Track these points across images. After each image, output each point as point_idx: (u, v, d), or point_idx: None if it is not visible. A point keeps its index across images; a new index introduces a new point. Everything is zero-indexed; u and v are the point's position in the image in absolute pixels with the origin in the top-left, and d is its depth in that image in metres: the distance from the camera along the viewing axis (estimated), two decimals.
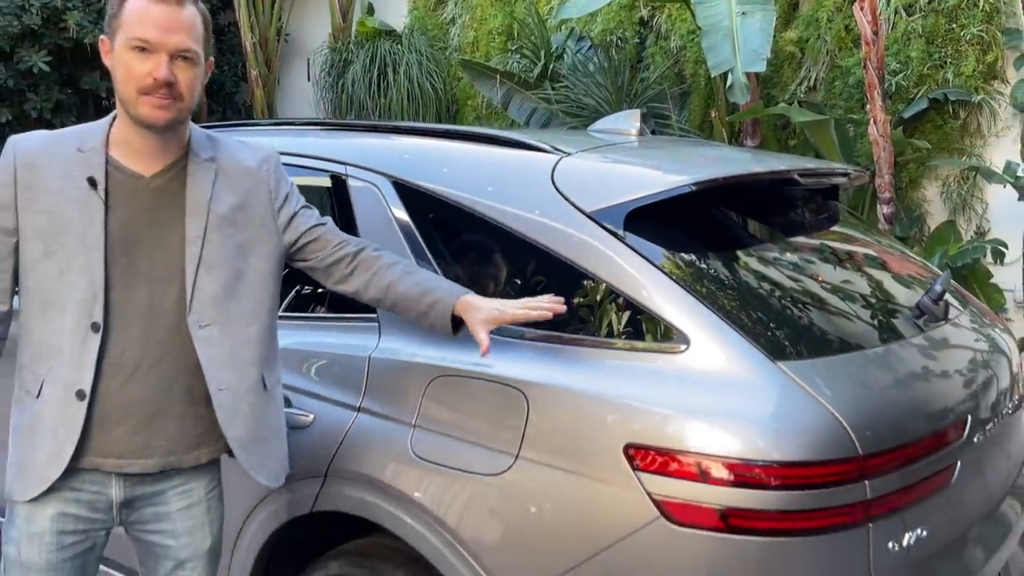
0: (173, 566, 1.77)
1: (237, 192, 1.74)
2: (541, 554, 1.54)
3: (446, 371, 1.72)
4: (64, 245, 1.61)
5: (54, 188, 1.62)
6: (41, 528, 1.65)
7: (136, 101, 1.62)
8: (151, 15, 1.59)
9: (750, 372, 1.50)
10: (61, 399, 1.63)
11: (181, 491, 1.75)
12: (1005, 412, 1.90)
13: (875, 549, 1.47)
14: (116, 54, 1.64)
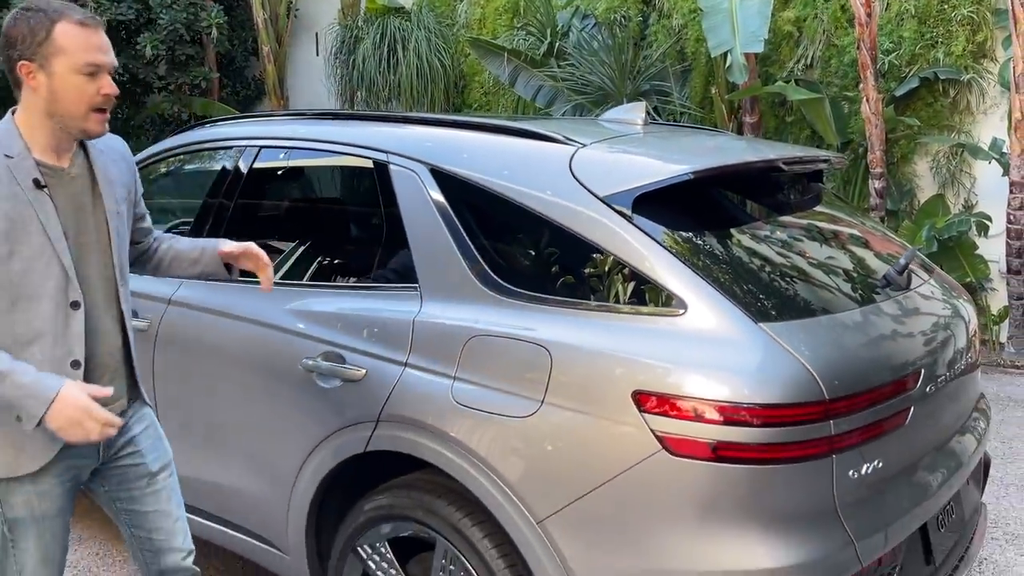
0: (147, 481, 2.01)
1: (120, 170, 2.03)
2: (562, 480, 1.84)
3: (481, 332, 2.01)
4: (29, 243, 1.77)
5: (4, 195, 1.76)
6: (49, 484, 1.87)
7: (86, 117, 1.81)
8: (93, 42, 1.78)
9: (737, 332, 1.80)
10: (55, 372, 1.79)
11: (137, 418, 2.02)
12: (958, 367, 2.20)
13: (837, 476, 1.79)
14: (59, 78, 1.76)
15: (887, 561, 1.90)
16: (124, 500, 2.05)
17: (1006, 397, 5.17)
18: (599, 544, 1.81)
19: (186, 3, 8.57)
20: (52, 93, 1.77)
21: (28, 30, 1.76)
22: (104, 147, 1.99)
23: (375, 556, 2.20)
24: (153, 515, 2.05)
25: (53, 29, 1.76)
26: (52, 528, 1.91)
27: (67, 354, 1.84)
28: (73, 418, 1.71)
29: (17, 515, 1.87)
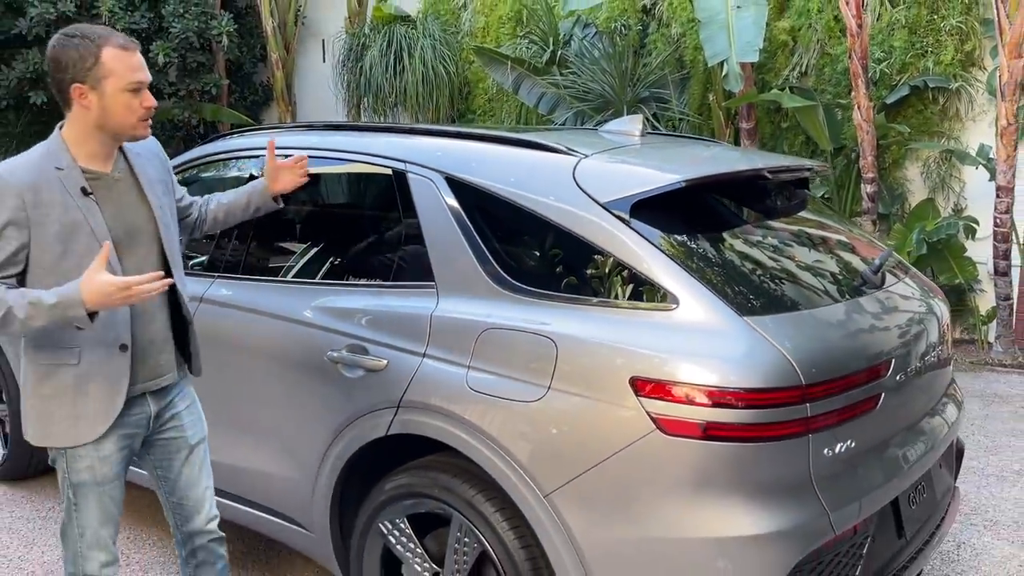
0: (187, 453, 2.28)
1: (156, 168, 2.29)
2: (567, 458, 2.03)
3: (493, 325, 2.21)
4: (79, 242, 2.02)
5: (57, 202, 2.00)
6: (109, 451, 2.12)
7: (135, 126, 2.07)
8: (135, 62, 2.04)
9: (724, 324, 1.99)
10: (106, 356, 2.06)
11: (181, 396, 2.29)
12: (928, 358, 2.40)
13: (813, 453, 1.98)
14: (109, 96, 2.00)
15: (859, 530, 2.11)
16: (164, 468, 2.32)
17: (992, 394, 5.37)
18: (600, 515, 2.01)
19: (198, 12, 8.78)
20: (103, 110, 2.03)
21: (78, 56, 2.00)
22: (140, 149, 2.24)
23: (395, 531, 2.40)
24: (186, 483, 2.32)
25: (100, 54, 2.01)
26: (110, 491, 2.16)
27: (116, 339, 2.10)
28: (104, 292, 1.93)
29: (81, 479, 2.13)
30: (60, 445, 2.11)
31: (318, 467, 2.56)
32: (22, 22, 8.21)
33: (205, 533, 2.36)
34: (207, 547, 2.38)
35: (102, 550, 2.18)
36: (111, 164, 2.13)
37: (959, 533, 3.48)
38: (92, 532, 2.16)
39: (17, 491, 3.99)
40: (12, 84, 8.63)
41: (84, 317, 1.96)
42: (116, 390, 2.10)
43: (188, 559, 2.40)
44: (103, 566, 2.19)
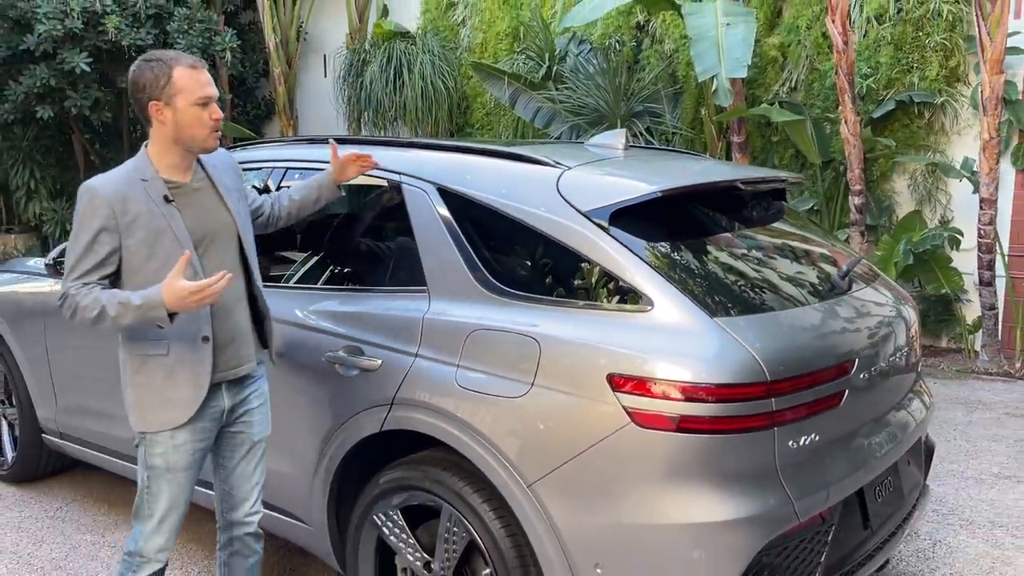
0: (248, 449, 2.47)
1: (232, 178, 2.50)
2: (549, 450, 2.16)
3: (481, 327, 2.34)
4: (163, 246, 2.25)
5: (143, 210, 2.23)
6: (183, 440, 2.32)
7: (206, 138, 2.28)
8: (203, 79, 2.26)
9: (695, 325, 2.13)
10: (191, 347, 2.28)
11: (256, 394, 2.48)
12: (893, 359, 2.53)
13: (778, 445, 2.10)
14: (180, 111, 2.23)
15: (825, 519, 2.24)
16: (224, 457, 2.51)
17: (976, 401, 5.50)
18: (579, 503, 2.15)
19: (202, 28, 8.96)
20: (177, 124, 2.25)
21: (153, 76, 2.25)
22: (216, 161, 2.46)
23: (388, 523, 2.54)
24: (240, 476, 2.51)
25: (172, 74, 2.24)
26: (180, 480, 2.35)
27: (198, 331, 2.31)
28: (180, 296, 2.14)
29: (155, 464, 2.33)
30: (154, 429, 2.31)
31: (316, 463, 2.70)
32: (30, 38, 8.38)
33: (244, 525, 2.53)
34: (243, 539, 2.54)
35: (162, 536, 2.37)
36: (190, 175, 2.36)
37: (935, 532, 3.61)
38: (159, 517, 2.35)
39: (26, 492, 4.13)
40: (19, 99, 8.80)
41: (165, 317, 2.18)
42: (201, 379, 2.31)
43: (225, 546, 2.57)
44: (159, 550, 2.37)
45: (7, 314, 3.97)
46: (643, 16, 7.84)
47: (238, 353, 2.40)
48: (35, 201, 10.06)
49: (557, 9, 8.26)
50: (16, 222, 10.96)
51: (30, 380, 3.91)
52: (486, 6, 8.88)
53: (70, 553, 3.49)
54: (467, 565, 2.41)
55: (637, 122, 7.26)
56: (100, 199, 2.23)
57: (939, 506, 3.87)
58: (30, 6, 8.27)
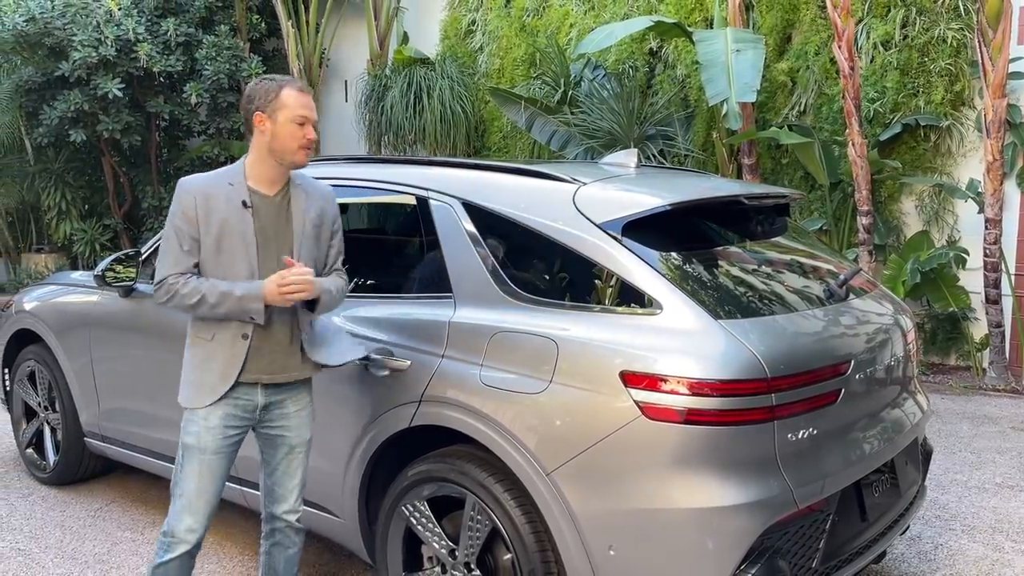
0: (287, 451, 2.63)
1: (316, 206, 2.66)
2: (565, 441, 2.34)
3: (503, 329, 2.53)
4: (232, 244, 2.47)
5: (222, 209, 2.47)
6: (215, 424, 2.50)
7: (295, 152, 2.50)
8: (305, 102, 2.51)
9: (701, 327, 2.31)
10: (231, 340, 2.49)
11: (295, 399, 2.62)
12: (888, 362, 2.70)
13: (778, 437, 2.27)
14: (278, 124, 2.47)
15: (823, 508, 2.41)
16: (267, 455, 2.70)
17: (982, 415, 5.63)
18: (594, 489, 2.33)
19: (229, 55, 9.30)
20: (274, 135, 2.50)
21: (264, 91, 2.51)
22: (311, 189, 2.66)
23: (416, 513, 2.72)
24: (282, 475, 2.69)
25: (280, 92, 2.50)
26: (210, 463, 2.53)
27: (240, 328, 2.52)
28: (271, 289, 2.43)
29: (188, 442, 2.54)
30: (187, 405, 2.54)
31: (348, 458, 2.89)
32: (65, 65, 8.73)
33: (284, 520, 2.70)
34: (284, 531, 2.72)
35: (191, 516, 2.53)
36: (276, 190, 2.58)
37: (937, 536, 3.75)
38: (187, 496, 2.52)
39: (68, 494, 4.34)
40: (53, 123, 9.15)
41: (261, 310, 2.45)
42: (230, 371, 2.51)
43: (268, 536, 2.76)
44: (187, 530, 2.53)
45: (54, 325, 4.20)
46: (656, 42, 8.07)
47: (276, 361, 2.56)
48: (66, 221, 10.39)
49: (572, 36, 8.52)
50: (47, 242, 11.29)
51: (74, 387, 4.13)
52: (503, 33, 9.17)
53: (112, 549, 3.69)
54: (489, 552, 2.59)
55: (650, 145, 7.47)
56: (186, 192, 2.50)
57: (942, 512, 4.00)
58: (66, 34, 8.63)
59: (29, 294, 4.56)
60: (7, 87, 9.53)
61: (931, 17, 6.63)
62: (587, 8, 8.58)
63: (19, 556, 3.63)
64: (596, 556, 2.33)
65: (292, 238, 2.58)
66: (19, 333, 4.51)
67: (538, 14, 8.95)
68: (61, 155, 10.36)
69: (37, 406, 4.49)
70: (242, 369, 2.51)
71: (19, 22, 8.52)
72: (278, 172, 2.57)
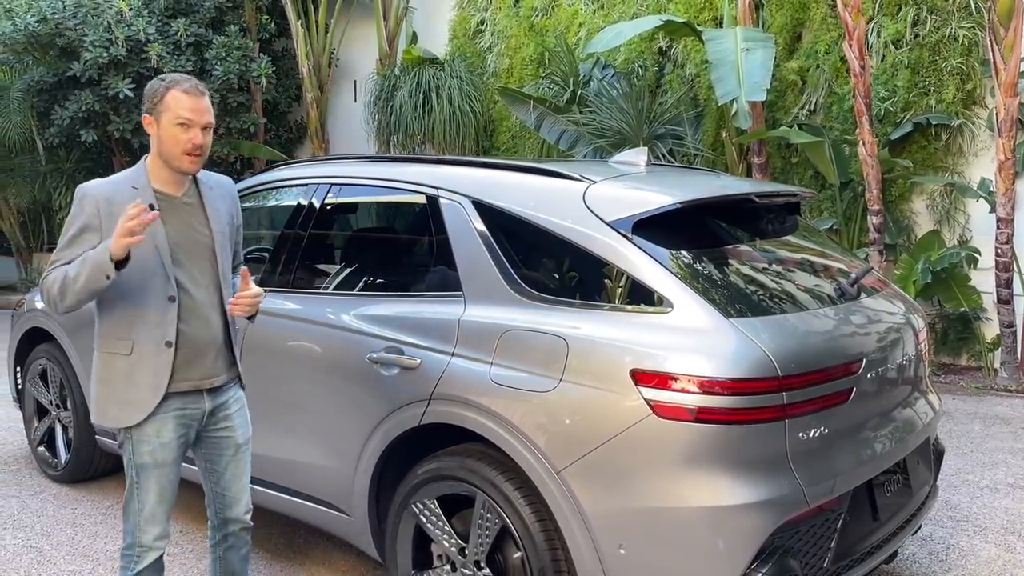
0: (234, 451, 2.58)
1: (226, 203, 2.56)
2: (575, 439, 2.34)
3: (513, 327, 2.53)
4: (141, 250, 2.30)
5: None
6: (169, 438, 2.43)
7: (179, 158, 2.37)
8: (189, 103, 2.35)
9: (712, 325, 2.30)
10: (154, 350, 2.37)
11: (234, 399, 2.58)
12: (899, 361, 2.69)
13: (789, 436, 2.26)
14: (162, 127, 2.35)
15: (834, 507, 2.40)
16: (212, 461, 2.63)
17: (994, 416, 5.59)
18: (604, 488, 2.32)
19: (239, 56, 9.33)
20: (159, 139, 2.40)
21: (152, 92, 2.41)
22: (215, 185, 2.61)
23: (426, 511, 2.72)
24: (231, 477, 2.63)
25: (166, 94, 2.39)
26: (168, 474, 2.49)
27: (162, 336, 2.43)
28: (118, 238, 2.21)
29: (144, 462, 2.46)
30: (113, 426, 2.45)
31: (358, 457, 2.89)
32: (76, 65, 8.77)
33: (239, 522, 2.66)
34: (238, 534, 2.68)
35: (157, 525, 2.49)
36: (182, 190, 2.49)
37: (949, 536, 3.73)
38: (150, 508, 2.47)
39: (80, 491, 4.36)
40: (65, 123, 9.20)
41: (109, 263, 2.23)
42: (159, 382, 2.41)
43: (219, 543, 2.69)
44: (156, 539, 2.49)
45: (65, 323, 4.22)
46: (665, 42, 8.06)
47: (213, 364, 2.51)
48: None
49: (581, 35, 8.51)
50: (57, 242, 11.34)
51: (86, 385, 4.15)
52: (512, 33, 9.17)
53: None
54: (499, 550, 2.58)
55: (659, 144, 7.46)
56: (87, 199, 2.37)
57: (953, 512, 3.98)
58: (77, 35, 8.67)
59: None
60: (19, 87, 9.59)
61: (942, 15, 6.60)
62: (596, 7, 8.57)
63: (30, 553, 3.65)
64: (606, 555, 2.32)
65: (210, 239, 2.51)
66: (31, 331, 4.54)
67: (547, 13, 8.94)
68: (72, 155, 10.42)
69: (49, 404, 4.51)
70: (172, 379, 2.42)
71: (31, 22, 8.57)
72: (174, 174, 2.46)
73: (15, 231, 11.72)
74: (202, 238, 2.50)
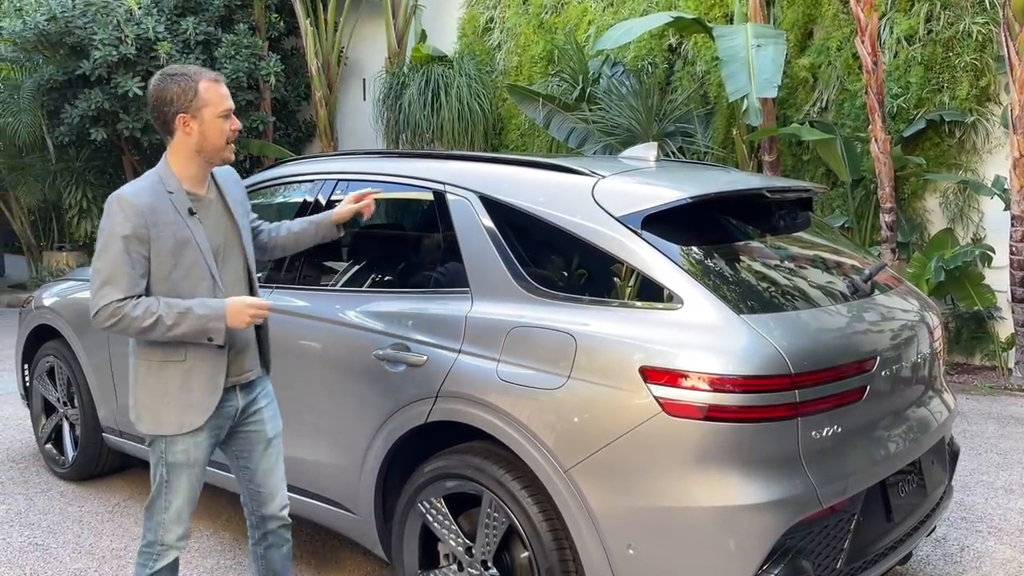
0: (265, 446, 2.58)
1: (237, 191, 2.57)
2: (584, 438, 2.30)
3: (520, 324, 2.50)
4: (187, 256, 2.36)
5: (171, 221, 2.34)
6: (202, 437, 2.43)
7: (224, 148, 2.40)
8: (225, 92, 2.40)
9: (723, 322, 2.26)
10: (207, 354, 2.38)
11: (264, 394, 2.60)
12: (914, 359, 2.63)
13: (802, 434, 2.22)
14: (205, 123, 2.34)
15: (847, 507, 2.35)
16: (244, 458, 2.62)
17: (1008, 416, 5.52)
18: (613, 487, 2.28)
19: (248, 54, 9.33)
20: (202, 135, 2.38)
21: (180, 90, 2.36)
22: (224, 175, 2.61)
23: (432, 510, 2.69)
24: (264, 472, 2.62)
25: (198, 87, 2.37)
26: (197, 473, 2.49)
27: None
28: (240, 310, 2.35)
29: (176, 461, 2.45)
30: (171, 433, 2.40)
31: (364, 454, 2.86)
32: (85, 63, 8.78)
33: (277, 519, 2.65)
34: (277, 532, 2.66)
35: (181, 524, 2.48)
36: (206, 188, 2.48)
37: (964, 538, 3.67)
38: (176, 508, 2.46)
39: (87, 489, 4.35)
40: (74, 122, 9.22)
41: (223, 330, 2.33)
42: (215, 384, 2.43)
43: (259, 541, 2.68)
44: (179, 538, 2.49)
45: (73, 320, 4.21)
46: (675, 38, 8.01)
47: (249, 360, 2.53)
48: (87, 220, 10.47)
49: (591, 33, 8.47)
50: (68, 240, 11.39)
51: (93, 382, 4.14)
52: (521, 30, 9.13)
53: (129, 545, 3.69)
54: (506, 550, 2.55)
55: (669, 142, 7.41)
56: (132, 208, 2.30)
57: (968, 513, 3.92)
58: (87, 33, 8.68)
59: (48, 290, 4.58)
60: (29, 86, 9.61)
61: (956, 11, 6.53)
62: (605, 4, 8.52)
63: (37, 551, 3.64)
64: (615, 555, 2.28)
65: (237, 233, 2.52)
66: (38, 329, 4.53)
67: (556, 11, 8.90)
68: (82, 154, 10.44)
69: (56, 402, 4.50)
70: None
71: (41, 21, 8.58)
72: (205, 170, 2.47)
73: (25, 230, 11.76)
74: (231, 233, 2.53)
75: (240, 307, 2.34)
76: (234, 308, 2.34)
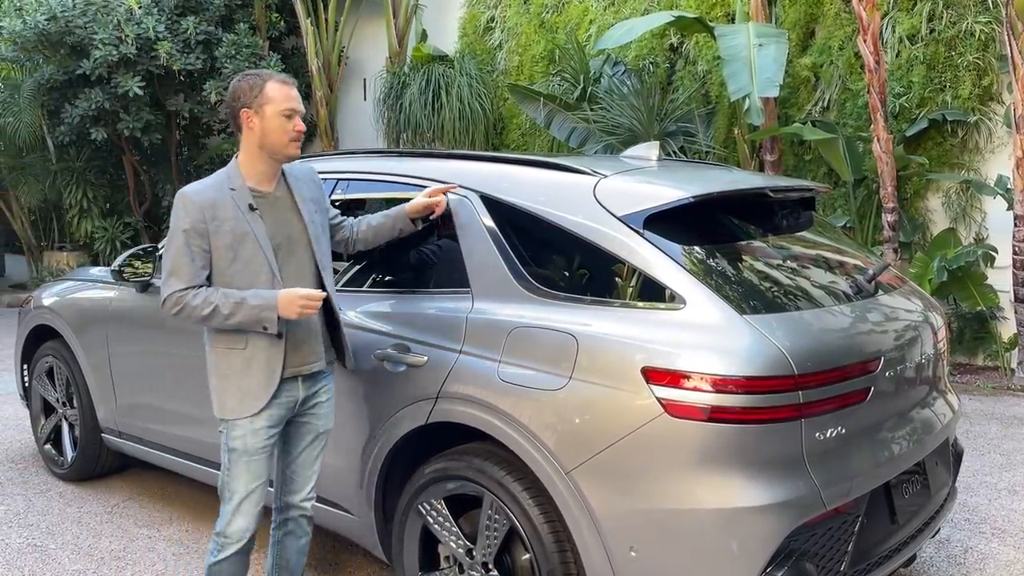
0: (311, 439, 2.68)
1: (311, 190, 2.70)
2: (586, 439, 2.28)
3: (521, 325, 2.48)
4: (246, 249, 2.46)
5: (230, 216, 2.45)
6: (260, 425, 2.51)
7: (287, 145, 2.50)
8: (291, 93, 2.50)
9: (725, 322, 2.24)
10: (266, 342, 2.48)
11: (325, 389, 2.67)
12: (917, 360, 2.62)
13: (806, 436, 2.19)
14: (267, 119, 2.46)
15: (851, 510, 2.33)
16: (289, 444, 2.71)
17: (1011, 416, 5.50)
18: (615, 489, 2.26)
19: (248, 54, 9.31)
20: (263, 130, 2.48)
21: (248, 87, 2.49)
22: (299, 174, 2.69)
23: (433, 512, 2.67)
24: (303, 463, 2.71)
25: (265, 86, 2.48)
26: (257, 461, 2.55)
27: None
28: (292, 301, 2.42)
29: (235, 447, 2.54)
30: (232, 417, 2.52)
31: (364, 455, 2.84)
32: (86, 63, 8.77)
33: (299, 508, 2.73)
34: (298, 520, 2.74)
35: (243, 517, 2.57)
36: (273, 184, 2.58)
37: (967, 539, 3.65)
38: (238, 499, 2.54)
39: (86, 489, 4.34)
40: (75, 121, 9.20)
41: (275, 320, 2.43)
42: (273, 370, 2.51)
43: (280, 525, 2.76)
44: (242, 531, 2.58)
45: (72, 320, 4.20)
46: (676, 38, 7.99)
47: (310, 351, 2.60)
48: (87, 219, 10.46)
49: (592, 32, 8.45)
50: (68, 240, 11.38)
51: (92, 383, 4.12)
52: (522, 30, 9.11)
53: (128, 546, 3.67)
54: (507, 552, 2.53)
55: (671, 141, 7.39)
56: (192, 204, 2.45)
57: (971, 515, 3.90)
58: (87, 33, 8.66)
59: (48, 290, 4.56)
60: (29, 86, 9.60)
61: (958, 10, 6.50)
62: (607, 4, 8.50)
63: (35, 552, 3.62)
64: (617, 557, 2.26)
65: (304, 230, 2.58)
66: (38, 329, 4.52)
67: (557, 10, 8.89)
68: (82, 153, 10.43)
69: (55, 402, 4.49)
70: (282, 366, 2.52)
71: (41, 21, 8.57)
72: (273, 167, 2.56)
73: (26, 229, 11.75)
74: (297, 230, 2.59)
75: (291, 298, 2.41)
76: (285, 299, 2.42)
